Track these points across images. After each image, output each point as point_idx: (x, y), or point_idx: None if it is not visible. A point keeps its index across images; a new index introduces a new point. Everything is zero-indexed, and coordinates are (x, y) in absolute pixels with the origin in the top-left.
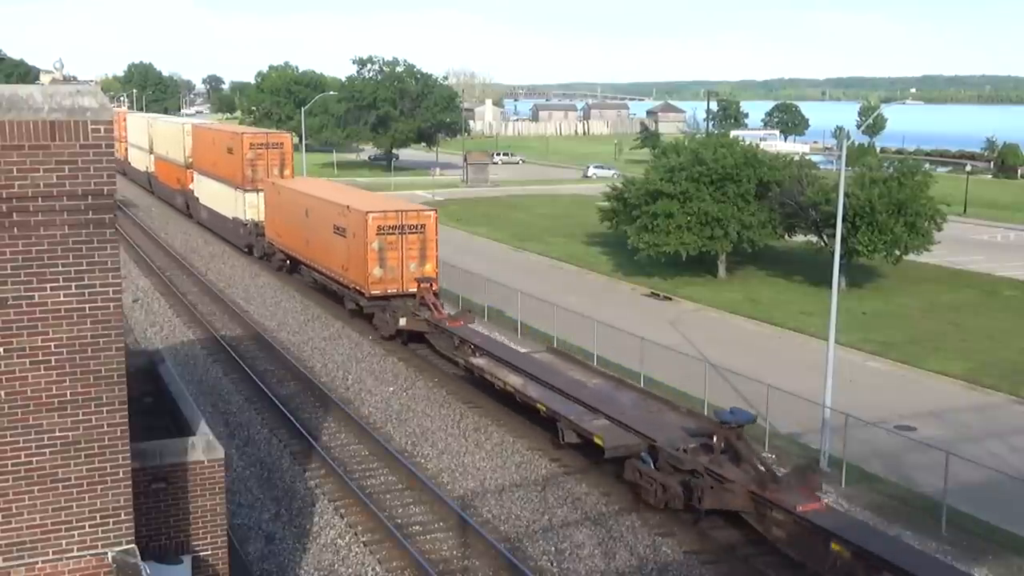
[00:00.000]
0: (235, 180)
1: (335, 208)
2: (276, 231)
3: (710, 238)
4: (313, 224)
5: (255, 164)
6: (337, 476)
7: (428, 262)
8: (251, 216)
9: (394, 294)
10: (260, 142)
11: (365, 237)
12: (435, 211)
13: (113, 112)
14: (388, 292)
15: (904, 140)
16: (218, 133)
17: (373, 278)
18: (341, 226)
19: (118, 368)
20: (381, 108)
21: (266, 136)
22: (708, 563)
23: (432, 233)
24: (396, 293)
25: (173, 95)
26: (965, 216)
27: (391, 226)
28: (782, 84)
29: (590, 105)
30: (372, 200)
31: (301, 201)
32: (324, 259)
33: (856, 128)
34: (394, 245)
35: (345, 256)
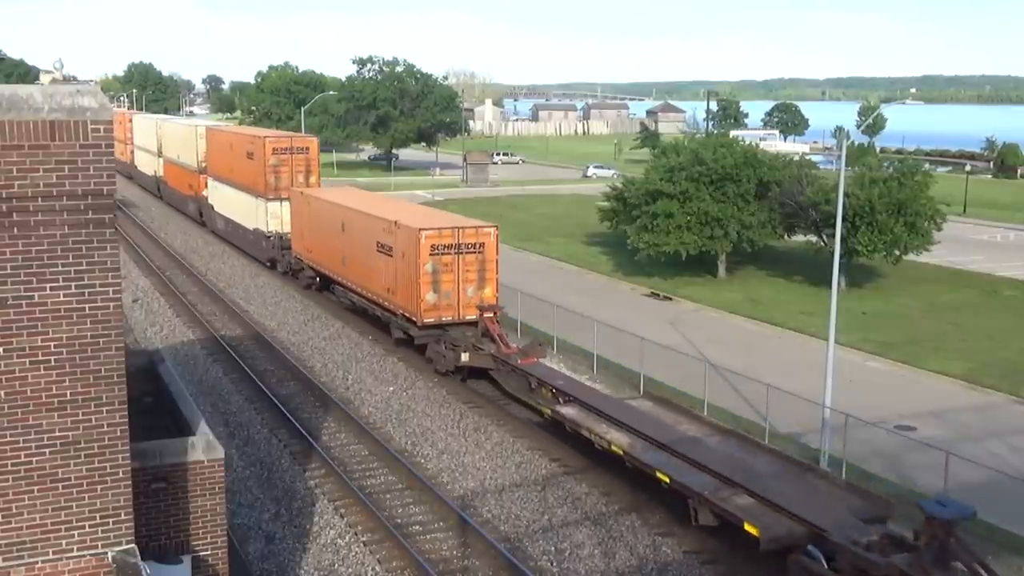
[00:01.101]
0: (256, 188)
1: (379, 223)
2: (305, 246)
3: (710, 238)
4: (351, 240)
5: (278, 171)
6: (337, 476)
7: (487, 286)
8: (274, 228)
9: (449, 322)
10: (284, 147)
11: (417, 258)
12: (495, 228)
13: (113, 112)
14: (443, 320)
15: (904, 140)
16: (237, 136)
17: (426, 304)
18: (387, 244)
19: (118, 368)
20: (381, 108)
21: (290, 140)
22: (708, 563)
23: (492, 253)
24: (452, 321)
25: (173, 95)
26: (965, 216)
27: (446, 245)
28: (782, 84)
29: (590, 105)
30: (422, 215)
31: (336, 214)
32: (365, 280)
33: (856, 128)
34: (450, 267)
35: (391, 278)
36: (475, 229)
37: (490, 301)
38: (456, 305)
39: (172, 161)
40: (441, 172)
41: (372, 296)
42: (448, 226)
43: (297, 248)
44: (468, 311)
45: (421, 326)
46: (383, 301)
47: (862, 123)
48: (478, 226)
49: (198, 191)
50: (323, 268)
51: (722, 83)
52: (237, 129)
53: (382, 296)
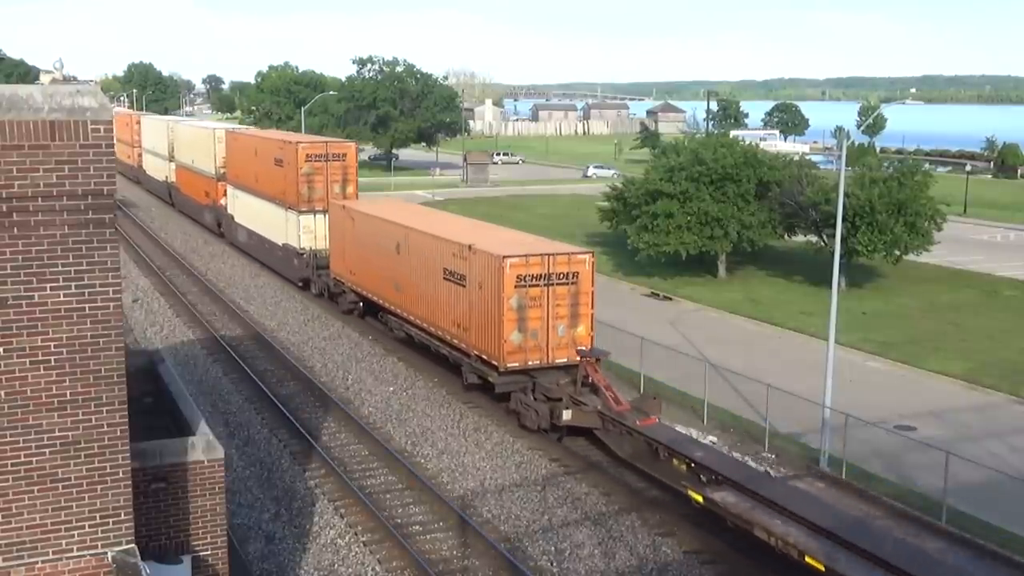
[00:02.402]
0: (286, 199)
1: (448, 247)
2: (347, 267)
3: (710, 238)
4: (409, 264)
5: (312, 180)
6: (337, 476)
7: (581, 323)
8: (307, 244)
9: (537, 367)
10: (318, 153)
11: (500, 290)
12: (591, 254)
13: (113, 112)
14: (529, 365)
15: (904, 140)
16: (263, 141)
17: (510, 346)
18: (457, 272)
19: (118, 368)
20: (381, 108)
21: (325, 146)
22: (708, 563)
23: (587, 284)
24: (540, 366)
25: (173, 95)
26: (965, 216)
27: (535, 276)
28: (782, 84)
29: (590, 105)
30: (501, 238)
31: (389, 232)
32: (427, 312)
33: (856, 128)
34: (538, 301)
35: (463, 312)
36: (568, 256)
37: (583, 341)
38: (545, 346)
39: (186, 166)
40: (441, 172)
41: (437, 332)
42: (537, 253)
43: (337, 269)
44: (559, 353)
45: (504, 371)
46: (451, 338)
47: (862, 123)
48: (571, 252)
49: (215, 199)
50: (370, 294)
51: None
52: (262, 133)
53: (450, 333)
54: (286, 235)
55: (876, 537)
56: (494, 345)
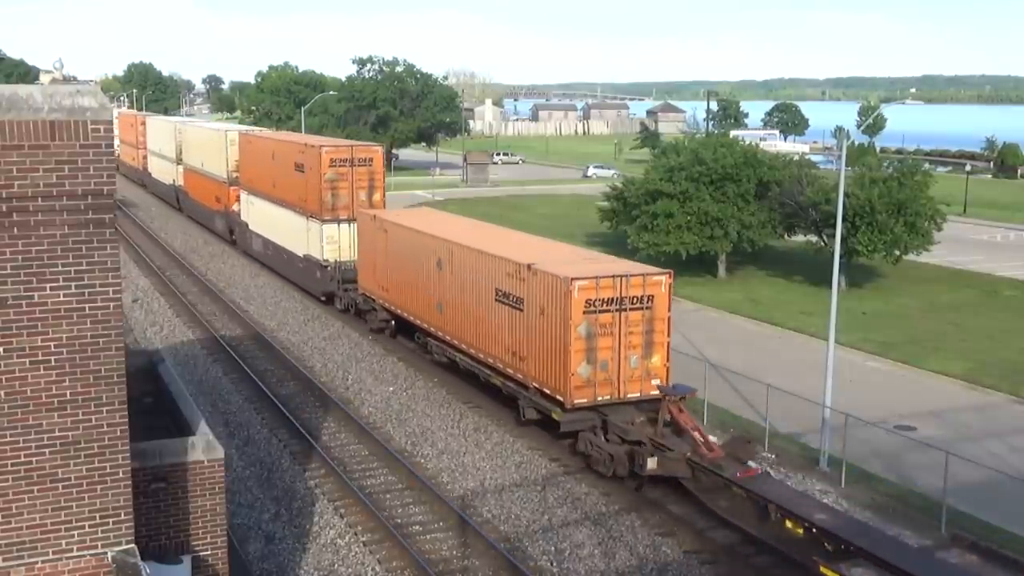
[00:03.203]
0: (307, 206)
1: (501, 265)
2: (378, 282)
3: (710, 238)
4: (453, 283)
5: (336, 187)
6: (337, 476)
7: (655, 353)
8: (331, 255)
9: (607, 403)
10: (343, 157)
11: (567, 317)
12: (668, 275)
13: (113, 112)
14: (599, 400)
15: (904, 140)
16: (281, 144)
17: (578, 379)
18: (513, 294)
19: (118, 368)
20: (381, 108)
21: (351, 150)
22: (708, 563)
23: (663, 308)
24: (610, 401)
25: (173, 95)
26: (965, 216)
27: (606, 300)
28: (782, 84)
29: (590, 105)
30: (563, 256)
31: (428, 246)
32: (475, 338)
33: (856, 128)
34: (609, 328)
35: (521, 340)
36: (642, 277)
37: (659, 373)
38: (616, 379)
39: (195, 170)
40: (441, 172)
41: (488, 360)
42: (608, 274)
43: (367, 284)
44: (631, 387)
45: (570, 408)
46: (506, 368)
47: (862, 123)
48: (646, 273)
49: (227, 205)
50: (406, 313)
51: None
52: (280, 135)
53: (505, 362)
54: (307, 246)
55: None
56: (558, 378)
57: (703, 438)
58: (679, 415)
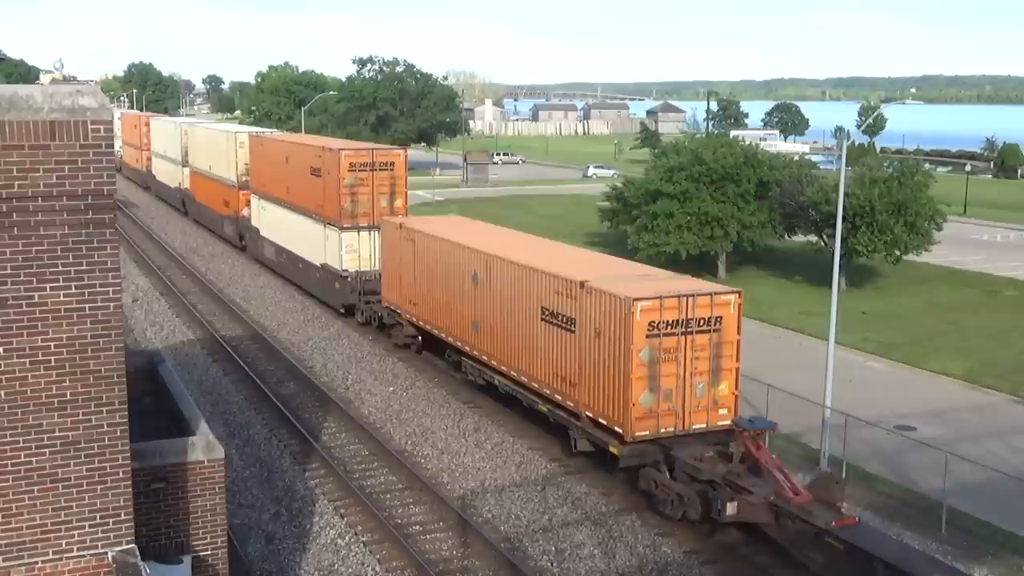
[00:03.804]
0: (324, 213)
1: (550, 282)
2: (404, 295)
3: (710, 238)
4: (492, 299)
5: (356, 192)
6: (337, 476)
7: (723, 380)
8: (350, 265)
9: (670, 435)
10: (363, 161)
11: (628, 341)
12: (738, 293)
13: (113, 112)
14: (662, 433)
15: (904, 140)
16: (295, 147)
17: (639, 410)
18: (564, 314)
19: (118, 368)
20: (381, 108)
21: (371, 153)
22: (708, 563)
23: (732, 331)
24: (675, 433)
25: (173, 95)
26: (965, 216)
27: (671, 322)
28: (782, 84)
29: (590, 105)
30: (618, 272)
31: (463, 258)
32: (517, 359)
33: (856, 128)
34: (673, 353)
35: (572, 364)
36: (710, 297)
37: (726, 402)
38: (681, 409)
39: (202, 173)
40: (441, 172)
41: (532, 384)
42: (672, 294)
43: (391, 297)
44: (696, 418)
45: (631, 441)
46: (553, 394)
47: (862, 123)
48: (714, 292)
49: (237, 210)
50: (437, 330)
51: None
52: (295, 138)
53: (552, 387)
54: (324, 254)
55: None
56: (617, 408)
57: (787, 478)
58: (758, 452)
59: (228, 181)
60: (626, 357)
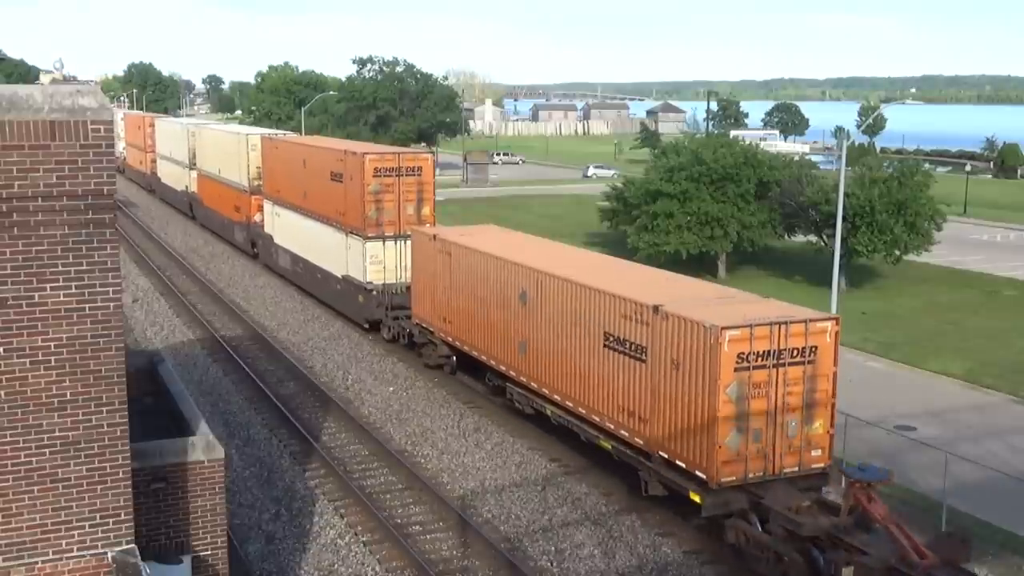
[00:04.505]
0: (347, 221)
1: (615, 305)
2: (438, 312)
3: (710, 238)
4: (543, 321)
5: (381, 199)
6: (337, 476)
7: (817, 417)
8: (375, 277)
9: (759, 479)
10: (389, 166)
11: (714, 375)
12: (835, 320)
13: (115, 112)
14: (750, 478)
15: (904, 140)
16: (314, 150)
17: (726, 452)
18: (632, 341)
19: (118, 368)
20: (381, 108)
21: (397, 158)
22: (708, 563)
23: (828, 363)
24: (763, 478)
25: (173, 95)
26: (965, 216)
27: (761, 353)
28: (782, 84)
29: (590, 105)
30: (693, 293)
31: (508, 274)
32: (574, 388)
33: (856, 128)
34: (763, 389)
35: (642, 397)
36: (804, 324)
37: (820, 442)
38: (771, 451)
39: (210, 176)
40: (441, 172)
41: (593, 417)
42: (763, 321)
43: (423, 313)
44: (788, 460)
45: (716, 487)
46: (619, 430)
47: (862, 123)
48: (809, 319)
49: (248, 216)
50: (476, 351)
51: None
52: (312, 141)
53: (617, 422)
54: (346, 265)
55: None
56: (698, 450)
57: (908, 537)
58: (871, 506)
59: (239, 185)
60: (711, 393)
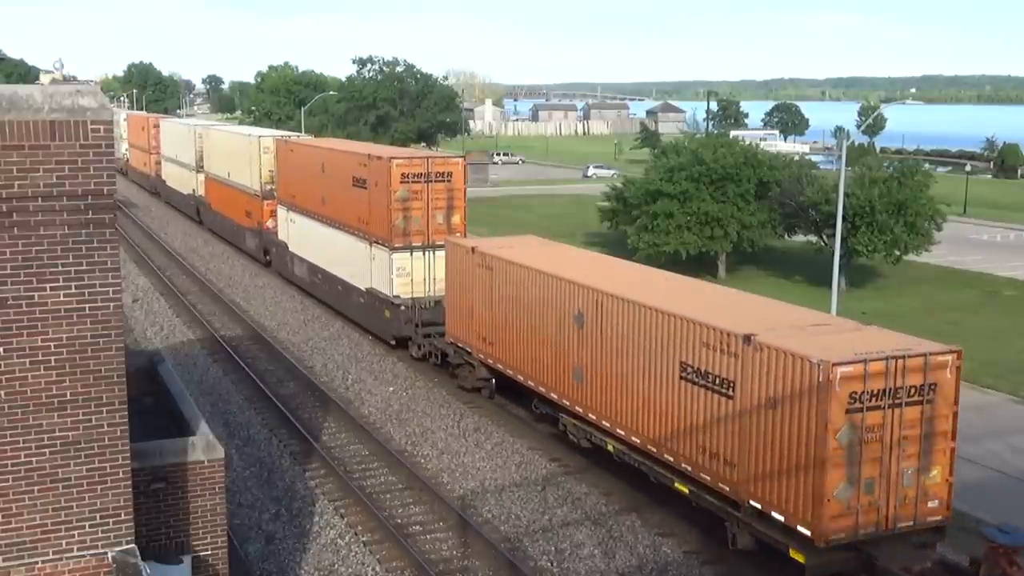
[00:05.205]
0: (370, 230)
1: (694, 331)
2: (477, 332)
3: (710, 238)
4: (602, 346)
5: (409, 207)
6: (337, 476)
7: (935, 464)
8: (402, 291)
9: (871, 536)
10: (417, 171)
11: (824, 417)
12: (956, 354)
13: (118, 112)
14: (861, 535)
15: (904, 140)
16: (333, 153)
17: (834, 506)
18: (717, 375)
19: (118, 368)
20: (381, 108)
21: (426, 162)
22: (708, 563)
23: (947, 402)
24: (875, 534)
25: (173, 95)
26: (965, 216)
27: (876, 392)
28: (782, 84)
29: (590, 105)
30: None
31: (560, 293)
32: (642, 423)
33: (856, 128)
34: (877, 431)
35: (729, 439)
36: (923, 358)
37: (938, 492)
38: (885, 503)
39: (219, 180)
40: None
41: (666, 457)
42: (878, 355)
43: (459, 332)
44: (903, 512)
45: (824, 546)
46: (700, 474)
47: (862, 123)
48: (928, 352)
49: (261, 222)
50: (523, 376)
51: (722, 83)
52: (332, 143)
53: (697, 464)
54: (370, 277)
55: None
56: (800, 501)
57: None
58: (1012, 572)
59: (250, 190)
60: (819, 438)
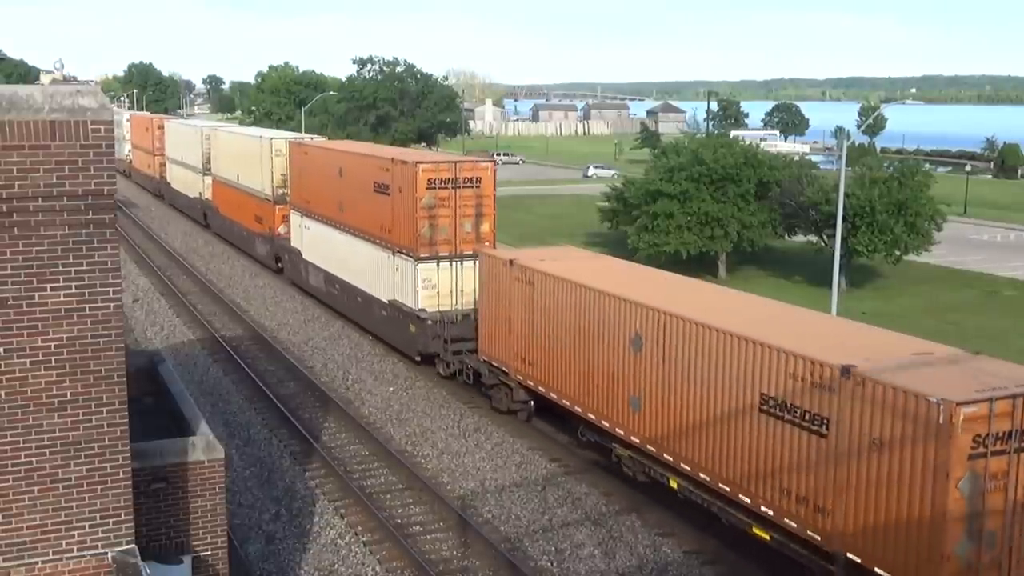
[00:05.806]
0: (393, 239)
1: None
2: (515, 351)
3: (710, 238)
4: (663, 372)
5: (435, 215)
6: (337, 476)
7: None
8: (428, 304)
9: None
10: (444, 177)
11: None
12: None
13: (119, 113)
14: None
15: (904, 140)
16: (352, 157)
17: (955, 565)
18: (806, 410)
19: (118, 368)
20: (381, 108)
21: (454, 167)
22: (708, 563)
23: None
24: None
25: (173, 95)
26: (965, 216)
27: (1001, 435)
28: (782, 84)
29: (590, 105)
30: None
31: (613, 313)
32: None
33: (856, 128)
34: (1001, 479)
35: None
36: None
37: None
38: (1007, 559)
39: (228, 183)
40: None
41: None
42: (1004, 393)
43: (493, 351)
44: None
45: None
46: (785, 519)
47: (862, 123)
48: None
49: (272, 228)
50: (569, 401)
51: (722, 83)
52: (350, 146)
53: (783, 509)
54: (392, 289)
55: None
56: (912, 557)
57: None
58: None
59: (261, 194)
60: (937, 487)
